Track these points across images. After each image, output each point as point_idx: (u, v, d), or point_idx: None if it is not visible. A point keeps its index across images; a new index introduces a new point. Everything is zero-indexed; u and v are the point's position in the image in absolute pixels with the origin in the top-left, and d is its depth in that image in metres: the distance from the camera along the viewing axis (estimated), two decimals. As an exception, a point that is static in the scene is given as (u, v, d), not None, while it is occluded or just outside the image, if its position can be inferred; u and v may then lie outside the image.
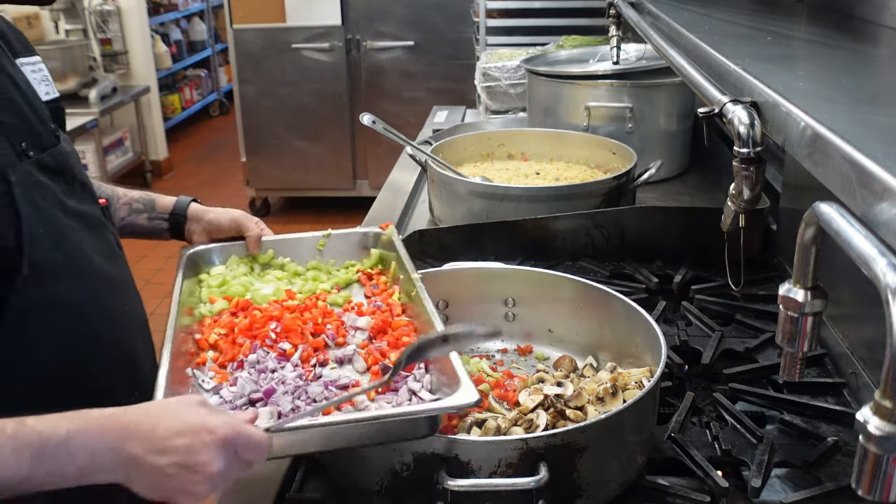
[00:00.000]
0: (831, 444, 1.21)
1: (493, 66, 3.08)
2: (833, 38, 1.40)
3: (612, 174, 2.00)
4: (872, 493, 0.63)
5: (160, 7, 7.30)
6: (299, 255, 1.52)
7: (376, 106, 5.30)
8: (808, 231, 0.79)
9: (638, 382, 1.23)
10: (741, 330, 1.57)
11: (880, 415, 0.61)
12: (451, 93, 5.15)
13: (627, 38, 2.55)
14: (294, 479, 1.20)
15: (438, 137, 2.49)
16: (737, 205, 1.06)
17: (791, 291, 0.83)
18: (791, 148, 0.83)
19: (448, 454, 1.02)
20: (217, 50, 8.62)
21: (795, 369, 0.91)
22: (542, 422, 1.15)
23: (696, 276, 1.76)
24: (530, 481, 1.00)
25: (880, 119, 0.83)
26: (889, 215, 0.61)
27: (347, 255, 1.54)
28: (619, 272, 1.80)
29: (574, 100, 2.44)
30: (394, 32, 5.39)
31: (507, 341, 1.50)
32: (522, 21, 3.62)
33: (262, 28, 5.38)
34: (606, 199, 1.94)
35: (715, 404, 1.33)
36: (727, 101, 0.98)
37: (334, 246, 1.54)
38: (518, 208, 1.91)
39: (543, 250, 1.85)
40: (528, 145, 2.38)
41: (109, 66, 6.28)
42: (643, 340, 1.29)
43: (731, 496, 1.12)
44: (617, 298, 1.36)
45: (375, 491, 1.09)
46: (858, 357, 1.37)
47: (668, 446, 1.22)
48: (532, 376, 1.34)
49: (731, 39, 1.35)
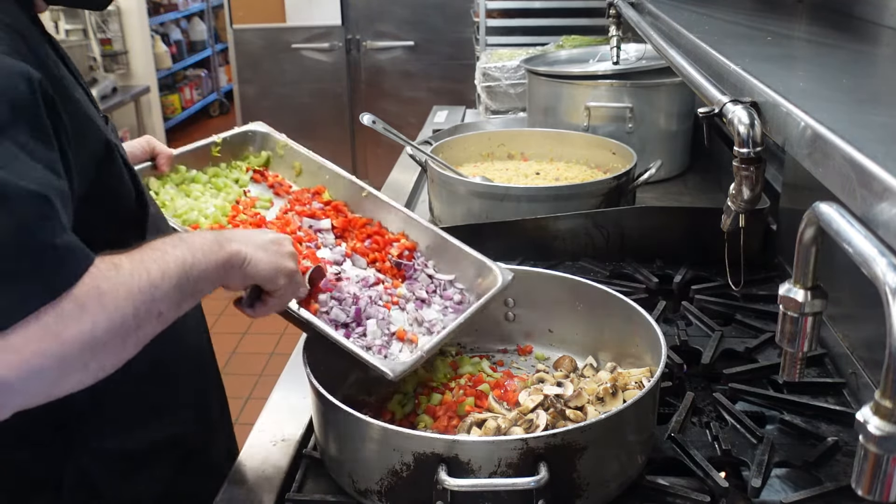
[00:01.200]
0: (831, 444, 1.21)
1: (493, 66, 3.08)
2: (833, 38, 1.40)
3: (612, 174, 2.00)
4: (872, 493, 0.63)
5: (160, 7, 7.30)
6: (201, 166, 1.53)
7: (376, 106, 5.30)
8: (808, 231, 0.79)
9: (638, 382, 1.23)
10: (741, 330, 1.57)
11: (880, 415, 0.61)
12: (451, 93, 5.15)
13: (627, 38, 2.55)
14: (294, 479, 1.20)
15: (438, 137, 2.49)
16: (737, 205, 1.06)
17: (791, 291, 0.83)
18: (791, 148, 0.83)
19: (448, 454, 1.02)
20: (217, 50, 8.62)
21: (795, 369, 0.91)
22: (542, 422, 1.15)
23: (696, 276, 1.76)
24: (530, 481, 1.00)
25: (880, 119, 0.83)
26: (889, 215, 0.61)
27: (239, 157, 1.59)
28: (619, 272, 1.80)
29: (574, 100, 2.44)
30: (394, 32, 5.39)
31: (507, 341, 1.50)
32: (522, 21, 3.62)
33: (262, 28, 5.38)
34: (606, 199, 1.94)
35: (715, 404, 1.33)
36: (727, 101, 0.98)
37: (228, 150, 1.56)
38: (518, 208, 1.90)
39: (543, 250, 1.85)
40: (528, 145, 2.38)
41: (109, 66, 6.29)
42: (643, 340, 1.29)
43: (731, 496, 1.12)
44: (617, 298, 1.36)
45: (375, 491, 1.10)
46: (858, 357, 1.37)
47: (668, 446, 1.22)
48: (532, 376, 1.34)
49: (731, 39, 1.35)
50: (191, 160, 1.50)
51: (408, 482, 1.06)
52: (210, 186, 1.49)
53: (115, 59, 6.34)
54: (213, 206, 1.41)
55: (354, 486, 1.13)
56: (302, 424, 1.32)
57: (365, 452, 1.10)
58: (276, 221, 1.43)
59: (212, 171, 1.52)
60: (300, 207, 1.48)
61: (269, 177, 1.56)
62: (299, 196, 1.52)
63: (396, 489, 1.07)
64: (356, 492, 1.13)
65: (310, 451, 1.25)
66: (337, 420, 1.12)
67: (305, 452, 1.25)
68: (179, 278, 0.90)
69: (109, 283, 0.83)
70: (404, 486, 1.07)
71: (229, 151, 1.55)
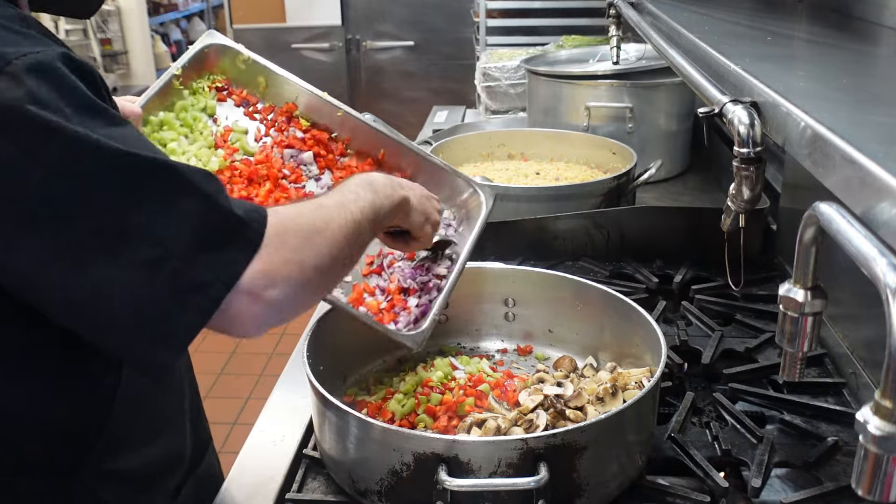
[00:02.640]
0: (831, 444, 1.21)
1: (493, 66, 3.08)
2: (833, 38, 1.40)
3: (612, 174, 2.00)
4: (872, 493, 0.63)
5: (160, 7, 7.29)
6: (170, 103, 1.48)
7: (376, 106, 5.29)
8: (808, 231, 0.79)
9: (638, 382, 1.23)
10: (741, 330, 1.57)
11: (880, 415, 0.61)
12: (451, 93, 5.15)
13: (627, 38, 2.55)
14: (294, 479, 1.20)
15: (438, 137, 2.49)
16: (737, 205, 1.06)
17: (791, 291, 0.83)
18: (791, 148, 0.83)
19: (448, 454, 1.02)
20: (217, 50, 8.60)
21: (795, 369, 0.91)
22: (542, 422, 1.15)
23: (696, 276, 1.76)
24: (530, 481, 1.00)
25: (880, 119, 0.83)
26: (889, 215, 0.61)
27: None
28: (619, 272, 1.80)
29: (574, 100, 2.44)
30: (394, 32, 5.39)
31: (507, 341, 1.50)
32: (522, 21, 3.62)
33: (262, 28, 5.38)
34: (606, 199, 1.94)
35: (715, 404, 1.33)
36: (727, 101, 0.98)
37: (191, 79, 1.49)
38: (518, 208, 1.90)
39: (543, 250, 1.85)
40: (528, 145, 2.38)
41: (109, 66, 6.28)
42: (643, 340, 1.29)
43: (731, 496, 1.12)
44: (617, 298, 1.36)
45: (375, 491, 1.10)
46: (858, 357, 1.37)
47: (668, 446, 1.22)
48: (532, 376, 1.34)
49: (731, 39, 1.35)
50: (157, 104, 1.43)
51: (408, 482, 1.06)
52: (180, 125, 1.44)
53: (115, 59, 6.33)
54: (193, 156, 1.38)
55: (354, 486, 1.13)
56: (302, 424, 1.32)
57: (365, 452, 1.10)
58: (262, 159, 1.41)
59: (178, 106, 1.45)
60: (276, 134, 1.46)
61: (235, 93, 1.51)
62: (275, 118, 1.49)
63: (396, 489, 1.07)
64: (356, 492, 1.13)
65: (310, 451, 1.25)
66: (337, 420, 1.12)
67: (305, 452, 1.25)
68: (375, 213, 1.07)
69: (323, 218, 0.97)
70: (404, 486, 1.07)
71: (192, 79, 1.48)
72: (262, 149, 1.44)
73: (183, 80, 1.47)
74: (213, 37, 1.50)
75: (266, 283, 0.87)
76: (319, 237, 0.95)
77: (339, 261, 0.99)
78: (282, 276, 0.89)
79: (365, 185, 1.09)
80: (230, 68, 1.51)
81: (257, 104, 1.51)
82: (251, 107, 1.51)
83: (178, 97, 1.46)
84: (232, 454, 1.27)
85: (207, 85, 1.50)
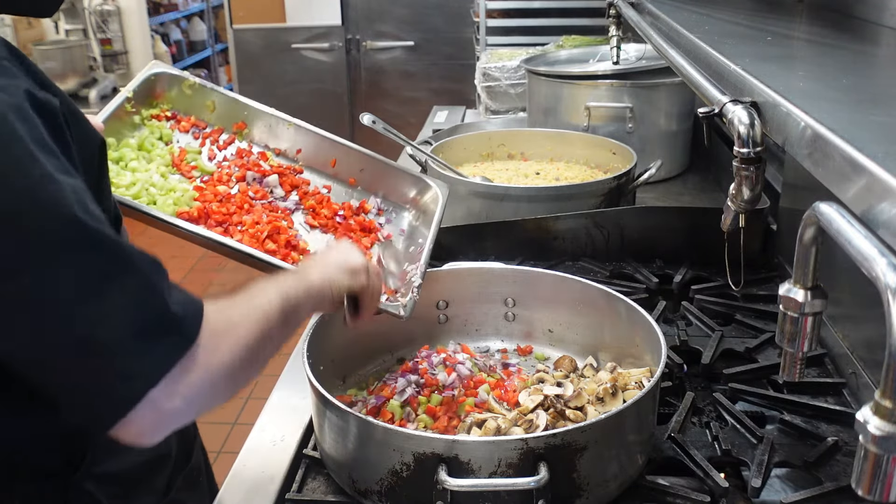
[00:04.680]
0: (831, 444, 1.21)
1: (493, 66, 3.08)
2: (833, 38, 1.40)
3: (612, 174, 2.00)
4: (872, 493, 0.63)
5: (160, 7, 7.29)
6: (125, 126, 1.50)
7: (376, 106, 5.30)
8: (808, 231, 0.79)
9: (638, 382, 1.23)
10: (741, 330, 1.57)
11: (880, 415, 0.61)
12: (451, 93, 5.16)
13: (627, 38, 2.55)
14: (294, 479, 1.20)
15: (438, 137, 2.49)
16: (737, 205, 1.06)
17: (791, 291, 0.83)
18: (791, 148, 0.83)
19: (448, 454, 1.02)
20: (217, 50, 8.60)
21: (795, 369, 0.91)
22: (542, 422, 1.15)
23: (696, 276, 1.76)
24: (530, 481, 1.00)
25: (880, 119, 0.83)
26: (889, 215, 0.61)
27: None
28: (619, 272, 1.80)
29: (574, 100, 2.44)
30: (394, 32, 5.40)
31: (507, 341, 1.50)
32: (522, 21, 3.62)
33: (262, 28, 5.38)
34: (606, 199, 1.94)
35: (715, 404, 1.33)
36: (727, 101, 0.98)
37: (141, 103, 1.52)
38: (518, 208, 1.90)
39: (543, 250, 1.85)
40: (528, 145, 2.38)
41: (109, 66, 6.28)
42: (643, 340, 1.29)
43: (731, 496, 1.12)
44: (617, 298, 1.36)
45: (375, 491, 1.10)
46: (858, 357, 1.37)
47: (668, 446, 1.22)
48: (532, 376, 1.34)
49: (731, 39, 1.35)
50: (115, 124, 1.45)
51: (408, 482, 1.06)
52: (138, 149, 1.46)
53: (115, 59, 6.33)
54: (156, 174, 1.40)
55: (354, 486, 1.13)
56: (302, 424, 1.32)
57: (365, 452, 1.10)
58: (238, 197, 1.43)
59: (138, 137, 1.48)
60: (240, 162, 1.51)
61: (184, 121, 1.54)
62: (225, 140, 1.54)
63: (396, 489, 1.07)
64: (356, 492, 1.13)
65: (310, 451, 1.25)
66: (337, 420, 1.12)
67: (305, 452, 1.25)
68: (283, 308, 1.02)
69: (234, 317, 0.96)
70: (404, 486, 1.07)
71: (142, 103, 1.51)
72: (240, 194, 1.46)
73: (134, 105, 1.50)
74: (157, 66, 1.55)
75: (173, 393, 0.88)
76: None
77: (249, 355, 0.99)
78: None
79: (267, 283, 1.06)
80: (177, 98, 1.55)
81: (206, 128, 1.56)
82: (200, 131, 1.55)
83: (132, 124, 1.49)
84: (232, 454, 1.27)
85: (156, 114, 1.53)
